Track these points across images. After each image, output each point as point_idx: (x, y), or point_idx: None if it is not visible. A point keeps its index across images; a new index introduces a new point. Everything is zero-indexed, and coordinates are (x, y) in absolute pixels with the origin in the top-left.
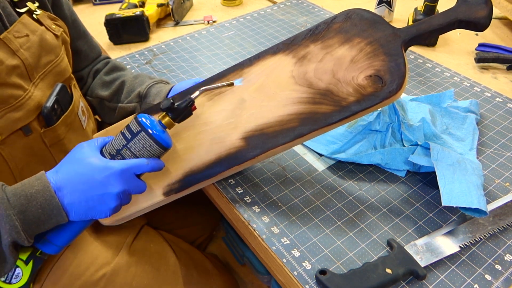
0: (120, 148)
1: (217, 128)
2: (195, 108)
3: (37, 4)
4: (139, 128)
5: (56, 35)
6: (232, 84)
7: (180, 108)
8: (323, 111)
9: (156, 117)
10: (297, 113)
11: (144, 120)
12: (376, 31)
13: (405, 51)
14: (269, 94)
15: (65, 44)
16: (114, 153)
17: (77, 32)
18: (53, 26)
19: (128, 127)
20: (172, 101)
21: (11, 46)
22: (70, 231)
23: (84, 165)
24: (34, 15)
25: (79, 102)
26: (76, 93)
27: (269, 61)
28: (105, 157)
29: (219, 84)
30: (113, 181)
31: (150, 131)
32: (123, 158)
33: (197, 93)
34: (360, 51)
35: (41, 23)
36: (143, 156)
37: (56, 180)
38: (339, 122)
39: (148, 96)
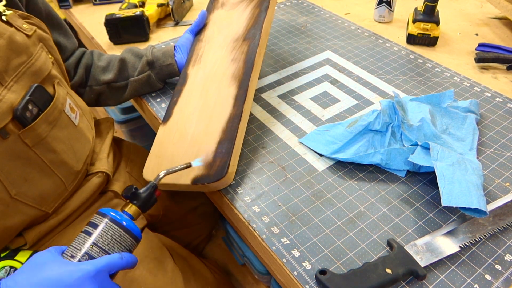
0: (86, 246)
1: None
2: (159, 193)
3: (4, 2)
4: (105, 219)
5: (27, 35)
6: (190, 165)
7: (146, 196)
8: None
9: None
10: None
11: (109, 212)
12: None
13: None
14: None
15: (43, 41)
16: (79, 255)
17: (51, 25)
18: (25, 26)
19: (90, 223)
20: (134, 187)
21: None
22: None
23: (49, 269)
24: (3, 17)
25: (66, 99)
26: (62, 90)
27: None
28: None
29: (179, 166)
30: (87, 285)
31: (118, 219)
32: (91, 258)
33: (161, 174)
34: None
35: (10, 25)
36: (113, 251)
37: None
38: None
39: (157, 60)
